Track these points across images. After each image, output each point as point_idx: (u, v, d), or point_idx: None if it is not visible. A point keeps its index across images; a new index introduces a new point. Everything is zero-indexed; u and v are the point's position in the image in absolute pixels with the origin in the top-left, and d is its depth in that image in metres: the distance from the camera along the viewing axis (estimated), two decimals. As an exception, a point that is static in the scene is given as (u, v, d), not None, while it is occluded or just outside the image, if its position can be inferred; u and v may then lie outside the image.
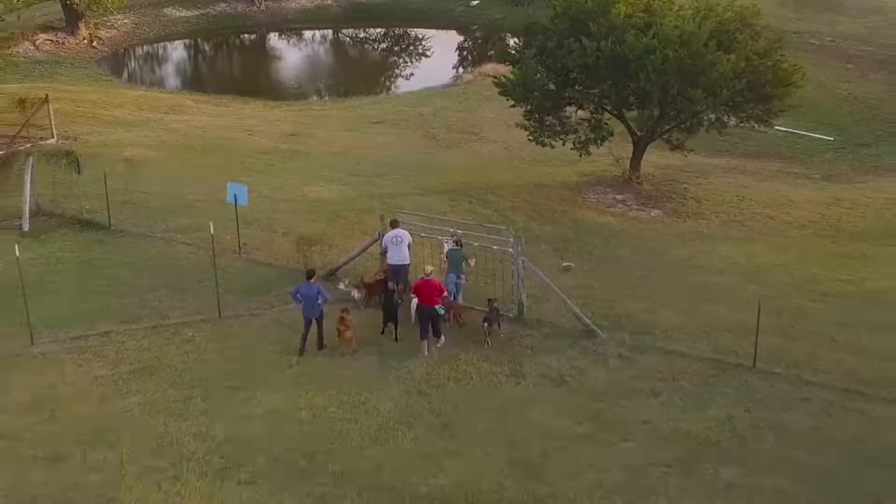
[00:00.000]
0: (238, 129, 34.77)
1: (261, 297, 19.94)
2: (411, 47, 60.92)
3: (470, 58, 56.43)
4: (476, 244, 19.50)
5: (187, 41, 61.05)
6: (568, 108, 26.55)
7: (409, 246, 19.24)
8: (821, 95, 39.42)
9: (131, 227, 23.76)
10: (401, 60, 55.59)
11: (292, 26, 63.53)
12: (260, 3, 63.75)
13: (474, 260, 19.10)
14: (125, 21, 60.21)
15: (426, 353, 17.31)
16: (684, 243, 23.29)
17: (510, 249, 18.58)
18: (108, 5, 52.34)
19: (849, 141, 35.93)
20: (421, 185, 27.06)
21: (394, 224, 19.67)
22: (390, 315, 18.22)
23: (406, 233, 19.47)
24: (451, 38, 60.96)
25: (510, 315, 18.65)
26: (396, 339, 17.93)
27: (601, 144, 26.09)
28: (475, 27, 62.39)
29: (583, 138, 25.74)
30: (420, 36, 62.61)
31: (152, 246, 22.61)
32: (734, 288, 20.62)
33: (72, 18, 54.21)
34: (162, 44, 59.85)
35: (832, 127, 37.28)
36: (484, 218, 24.44)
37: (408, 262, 19.25)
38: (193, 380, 16.56)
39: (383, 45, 62.31)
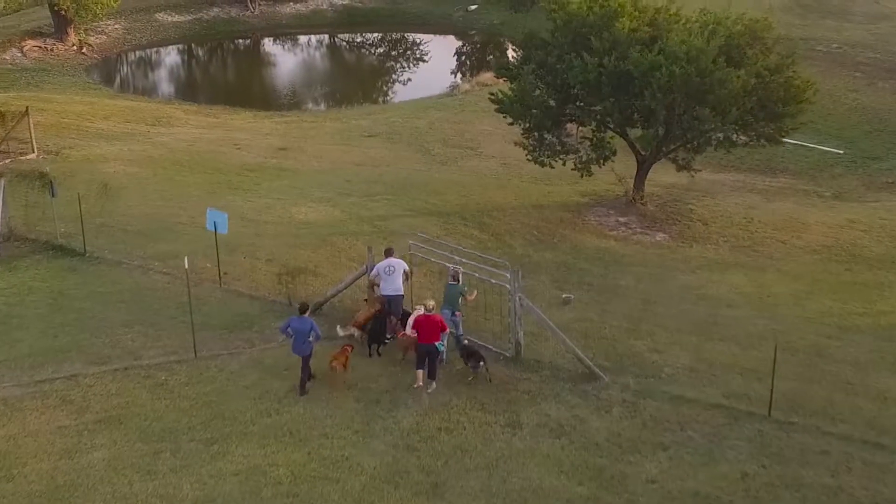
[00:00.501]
0: (226, 142, 33.56)
1: (240, 333, 18.72)
2: (408, 52, 59.69)
3: (468, 64, 55.26)
4: (475, 275, 18.32)
5: (180, 47, 59.84)
6: (568, 125, 25.31)
7: (405, 274, 18.18)
8: (829, 106, 38.13)
9: (107, 253, 22.54)
10: (396, 67, 54.37)
11: (287, 31, 62.30)
12: (254, 8, 62.52)
13: (475, 293, 17.83)
14: (116, 26, 59.00)
15: (421, 383, 16.27)
16: (691, 270, 22.06)
17: (507, 285, 17.36)
18: (97, 11, 51.06)
19: (859, 154, 34.64)
20: (413, 205, 25.84)
21: (388, 253, 18.56)
22: (375, 336, 17.56)
23: (401, 262, 18.35)
24: (449, 43, 59.76)
25: (507, 355, 17.43)
26: (379, 354, 17.46)
27: (604, 164, 24.86)
28: (473, 32, 61.22)
29: (584, 158, 24.50)
30: (417, 41, 61.36)
31: (128, 275, 21.38)
32: (745, 322, 19.40)
33: (61, 24, 52.98)
34: (154, 49, 58.64)
35: (841, 139, 36.00)
36: (479, 243, 23.25)
37: (402, 292, 18.15)
38: (164, 430, 15.34)
39: (379, 51, 61.08)
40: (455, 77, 46.43)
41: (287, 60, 56.92)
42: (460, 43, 60.67)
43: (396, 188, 27.35)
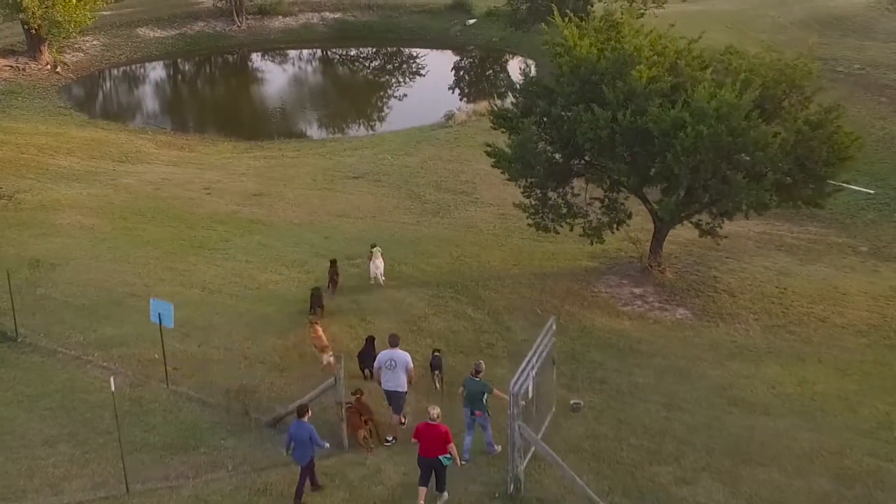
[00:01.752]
0: (196, 185, 30.43)
1: (185, 455, 15.63)
2: (402, 68, 56.55)
3: (465, 86, 52.08)
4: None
5: (161, 64, 56.75)
6: (575, 181, 22.13)
7: (407, 370, 15.89)
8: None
9: (42, 337, 19.48)
10: (389, 89, 51.11)
11: (276, 46, 59.25)
12: (241, 22, 59.44)
13: (505, 396, 14.53)
14: (94, 43, 55.94)
15: (422, 502, 13.73)
16: (720, 362, 18.91)
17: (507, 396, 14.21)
18: (70, 29, 47.93)
19: (892, 195, 31.42)
20: (400, 272, 22.72)
21: (392, 342, 16.18)
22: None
23: (404, 356, 15.98)
24: (446, 60, 56.64)
25: (509, 493, 14.31)
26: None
27: (617, 229, 21.71)
28: (472, 48, 58.11)
29: (594, 223, 21.34)
30: (412, 57, 58.27)
31: (62, 370, 18.28)
32: (786, 436, 16.27)
33: (34, 42, 49.88)
34: (134, 67, 55.56)
35: (871, 176, 32.71)
36: (473, 324, 20.13)
37: (404, 389, 15.92)
38: None
39: (372, 68, 57.91)
40: (451, 103, 43.10)
41: (273, 79, 53.76)
42: (458, 58, 57.58)
43: (380, 247, 24.18)
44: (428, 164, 32.25)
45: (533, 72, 22.69)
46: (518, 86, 21.56)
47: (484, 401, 15.09)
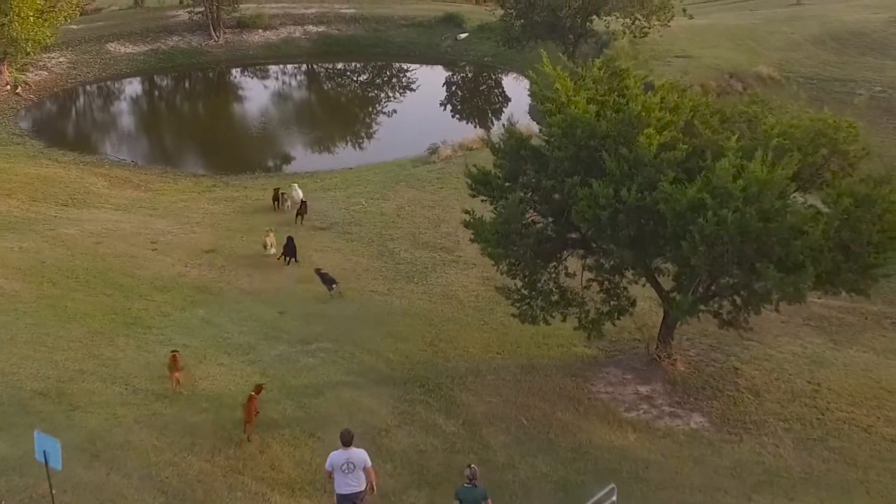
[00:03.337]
0: (143, 238, 26.87)
1: None
2: (388, 84, 53.07)
3: (453, 107, 48.52)
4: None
5: (133, 81, 53.30)
6: (566, 253, 18.49)
7: (366, 471, 13.82)
8: (878, 170, 31.46)
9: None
10: (372, 113, 47.49)
11: (255, 62, 55.79)
12: (218, 37, 56.00)
13: None
14: (61, 60, 52.42)
15: None
16: (745, 494, 15.37)
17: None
18: (28, 49, 44.39)
19: (927, 245, 27.78)
20: (361, 363, 19.22)
21: (345, 440, 13.78)
22: None
23: (362, 455, 13.79)
24: (435, 78, 53.15)
25: None
26: None
27: (619, 319, 18.15)
28: (463, 63, 54.61)
29: (592, 314, 17.75)
30: (400, 73, 54.83)
31: (-69, 509, 14.74)
32: None
33: (-9, 61, 46.51)
34: (102, 85, 52.12)
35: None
36: (445, 441, 16.58)
37: (362, 489, 13.79)
38: None
39: (356, 85, 54.33)
40: (438, 129, 39.64)
41: (249, 100, 50.24)
42: (449, 73, 54.11)
43: (342, 328, 20.71)
44: (406, 210, 28.68)
45: (520, 122, 18.86)
46: (501, 144, 17.95)
47: None
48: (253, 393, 16.45)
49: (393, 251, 25.65)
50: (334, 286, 22.33)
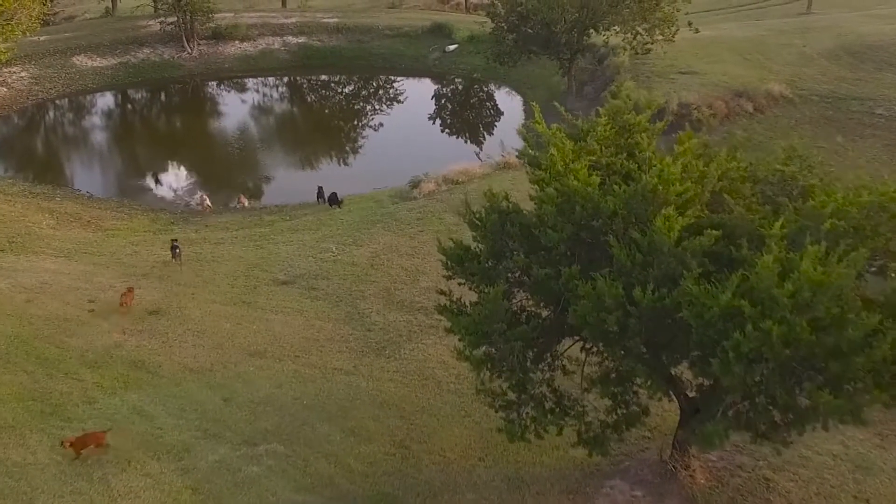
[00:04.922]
0: (81, 295, 23.56)
1: None
2: (370, 101, 49.66)
3: (440, 127, 45.10)
4: None
5: (99, 97, 49.88)
6: (564, 343, 15.22)
7: None
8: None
9: None
10: (352, 135, 43.97)
11: (231, 76, 52.43)
12: (192, 48, 52.64)
13: None
14: (23, 75, 49.03)
15: None
16: None
17: None
18: (-21, 67, 41.04)
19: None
20: (314, 476, 15.95)
21: None
22: None
23: None
24: (422, 92, 49.81)
25: None
26: None
27: (627, 431, 14.88)
28: (452, 77, 51.27)
29: (596, 427, 14.48)
30: (384, 87, 51.49)
31: None
32: None
33: (-58, 79, 43.23)
34: (66, 101, 48.69)
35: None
36: None
37: None
38: None
39: (337, 101, 50.88)
40: (421, 156, 36.41)
41: (222, 118, 46.85)
42: (437, 86, 50.77)
43: (294, 424, 17.44)
44: (381, 259, 25.38)
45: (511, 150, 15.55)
46: (480, 220, 14.58)
47: None
48: None
49: (363, 313, 22.36)
50: (178, 249, 25.08)
